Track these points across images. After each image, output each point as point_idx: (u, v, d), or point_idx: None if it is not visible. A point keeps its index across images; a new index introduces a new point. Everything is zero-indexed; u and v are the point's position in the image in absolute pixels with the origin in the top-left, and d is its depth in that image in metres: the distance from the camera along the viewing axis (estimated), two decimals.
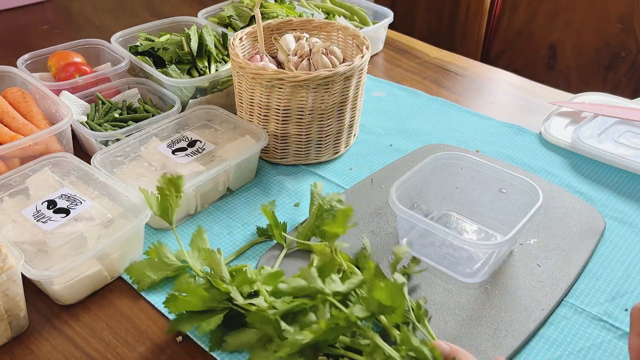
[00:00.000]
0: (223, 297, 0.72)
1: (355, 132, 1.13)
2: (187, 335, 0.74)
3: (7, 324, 0.72)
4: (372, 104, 1.26)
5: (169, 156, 0.95)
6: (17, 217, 0.82)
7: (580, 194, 1.00)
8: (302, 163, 1.06)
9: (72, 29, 1.57)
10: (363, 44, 1.06)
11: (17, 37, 1.52)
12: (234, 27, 1.35)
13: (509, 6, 2.13)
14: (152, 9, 1.69)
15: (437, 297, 0.79)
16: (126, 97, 1.15)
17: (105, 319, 0.77)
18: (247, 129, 1.02)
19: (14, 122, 1.01)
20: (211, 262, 0.74)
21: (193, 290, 0.72)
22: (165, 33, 1.29)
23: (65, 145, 1.01)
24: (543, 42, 2.11)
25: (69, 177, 0.90)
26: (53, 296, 0.78)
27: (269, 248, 0.87)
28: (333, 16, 1.45)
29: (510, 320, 0.76)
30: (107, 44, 1.27)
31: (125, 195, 0.85)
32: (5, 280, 0.70)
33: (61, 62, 1.18)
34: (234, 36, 1.06)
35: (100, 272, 0.80)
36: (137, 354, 0.73)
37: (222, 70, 1.18)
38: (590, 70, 2.05)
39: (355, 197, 0.97)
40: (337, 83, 0.98)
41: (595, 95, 1.25)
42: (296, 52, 1.07)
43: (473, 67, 1.42)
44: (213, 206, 0.96)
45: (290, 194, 0.99)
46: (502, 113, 1.24)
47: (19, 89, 1.08)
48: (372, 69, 1.41)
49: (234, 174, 0.97)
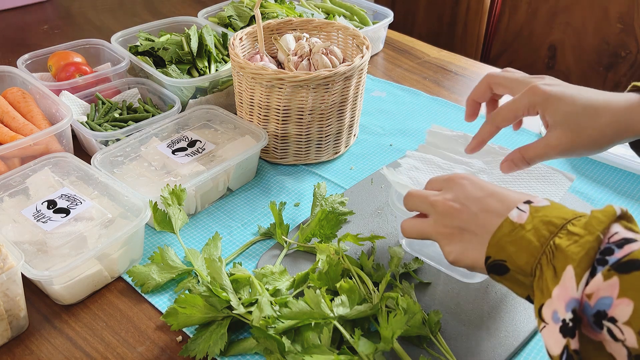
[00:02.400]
0: (223, 306, 0.72)
1: (355, 132, 1.13)
2: (188, 336, 0.74)
3: (7, 324, 0.72)
4: (372, 104, 1.26)
5: (169, 156, 0.95)
6: (17, 217, 0.82)
7: (580, 193, 1.00)
8: (302, 163, 1.06)
9: (72, 29, 1.57)
10: (363, 44, 1.06)
11: (17, 37, 1.52)
12: (234, 27, 1.35)
13: (509, 6, 2.13)
14: (152, 9, 1.69)
15: (437, 297, 0.79)
16: (126, 97, 1.15)
17: (105, 319, 0.77)
18: (247, 129, 1.02)
19: (14, 122, 1.01)
20: (212, 271, 0.75)
21: (192, 301, 0.72)
22: (165, 33, 1.29)
23: (65, 145, 1.01)
24: (543, 42, 2.11)
25: (69, 177, 0.90)
26: (53, 296, 0.78)
27: (269, 248, 0.87)
28: (333, 16, 1.45)
29: (510, 320, 0.76)
30: (107, 44, 1.27)
31: (125, 195, 0.85)
32: (5, 280, 0.70)
33: (61, 62, 1.18)
34: (234, 36, 1.06)
35: (100, 272, 0.80)
36: (137, 354, 0.73)
37: (222, 70, 1.18)
38: (590, 70, 2.05)
39: (355, 197, 0.97)
40: (337, 83, 0.98)
41: None
42: (296, 52, 1.07)
43: (473, 67, 1.42)
44: (213, 206, 0.97)
45: (290, 194, 0.99)
46: None
47: (19, 89, 1.08)
48: (372, 69, 1.41)
49: (234, 174, 0.97)
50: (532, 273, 0.55)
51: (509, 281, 0.58)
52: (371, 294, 0.72)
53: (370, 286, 0.74)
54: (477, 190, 0.63)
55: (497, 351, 0.72)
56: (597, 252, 0.51)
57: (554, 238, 0.54)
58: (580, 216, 0.55)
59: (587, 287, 0.50)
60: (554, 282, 0.52)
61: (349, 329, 0.69)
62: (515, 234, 0.56)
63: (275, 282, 0.77)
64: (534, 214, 0.57)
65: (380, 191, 0.98)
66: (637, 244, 0.49)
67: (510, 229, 0.57)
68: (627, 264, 0.48)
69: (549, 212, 0.56)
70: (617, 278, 0.48)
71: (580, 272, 0.50)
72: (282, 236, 0.87)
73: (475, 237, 0.61)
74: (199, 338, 0.71)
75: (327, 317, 0.67)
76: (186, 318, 0.72)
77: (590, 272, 0.50)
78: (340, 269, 0.74)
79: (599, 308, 0.48)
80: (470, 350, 0.72)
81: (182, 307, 0.72)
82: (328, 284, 0.74)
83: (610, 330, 0.48)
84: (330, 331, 0.67)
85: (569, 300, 0.50)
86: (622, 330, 0.47)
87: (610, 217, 0.52)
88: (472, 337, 0.73)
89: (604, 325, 0.48)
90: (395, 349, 0.67)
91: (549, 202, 0.58)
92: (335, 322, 0.67)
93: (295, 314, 0.67)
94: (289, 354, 0.66)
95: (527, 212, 0.57)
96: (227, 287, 0.73)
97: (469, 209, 0.62)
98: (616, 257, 0.49)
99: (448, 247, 0.63)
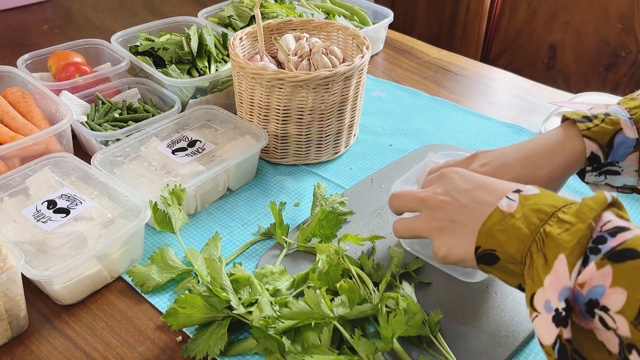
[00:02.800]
0: (223, 306, 0.72)
1: (355, 132, 1.13)
2: (188, 336, 0.74)
3: (7, 324, 0.72)
4: (372, 104, 1.26)
5: (169, 156, 0.95)
6: (17, 217, 0.82)
7: (580, 193, 1.00)
8: (302, 163, 1.06)
9: (72, 29, 1.57)
10: (363, 44, 1.06)
11: (17, 37, 1.52)
12: (234, 27, 1.35)
13: (509, 6, 2.13)
14: (152, 9, 1.69)
15: (437, 297, 0.79)
16: (126, 97, 1.15)
17: (105, 319, 0.77)
18: (247, 129, 1.02)
19: (14, 122, 1.01)
20: (212, 271, 0.75)
21: (192, 301, 0.72)
22: (165, 33, 1.29)
23: (65, 145, 1.01)
24: (543, 42, 2.11)
25: (69, 177, 0.90)
26: (53, 296, 0.78)
27: (269, 248, 0.87)
28: (333, 16, 1.45)
29: (510, 320, 0.76)
30: (107, 44, 1.27)
31: (125, 195, 0.85)
32: (5, 280, 0.70)
33: (61, 62, 1.18)
34: (234, 36, 1.06)
35: (100, 272, 0.80)
36: (137, 354, 0.73)
37: (222, 70, 1.18)
38: (590, 70, 2.05)
39: (355, 197, 0.97)
40: (337, 83, 0.98)
41: (595, 95, 1.25)
42: (296, 52, 1.07)
43: (473, 67, 1.42)
44: (213, 206, 0.96)
45: (290, 194, 0.99)
46: (502, 113, 1.24)
47: (19, 89, 1.08)
48: (372, 69, 1.41)
49: (234, 174, 0.97)
50: (523, 261, 0.55)
51: (499, 271, 0.58)
52: (371, 294, 0.72)
53: (370, 286, 0.74)
54: (467, 183, 0.64)
55: (497, 351, 0.72)
56: (589, 240, 0.51)
57: (544, 225, 0.54)
58: (570, 203, 0.55)
59: (580, 275, 0.50)
60: (545, 270, 0.52)
61: (349, 329, 0.69)
62: (505, 222, 0.57)
63: (275, 282, 0.77)
64: (524, 202, 0.57)
65: (380, 191, 0.98)
66: (630, 233, 0.49)
67: (500, 218, 0.57)
68: (621, 252, 0.48)
69: (539, 200, 0.56)
70: (611, 267, 0.48)
71: (573, 260, 0.50)
72: (282, 236, 0.87)
73: (465, 228, 0.61)
74: (199, 338, 0.71)
75: (327, 317, 0.67)
76: (186, 318, 0.72)
77: (582, 261, 0.50)
78: (340, 269, 0.74)
79: (591, 297, 0.48)
80: (470, 350, 0.72)
81: (182, 307, 0.72)
82: (328, 284, 0.74)
83: (602, 319, 0.48)
84: (330, 331, 0.67)
85: (562, 289, 0.50)
86: (614, 319, 0.47)
87: (601, 204, 0.52)
88: (472, 337, 0.73)
89: (596, 314, 0.48)
90: (395, 349, 0.67)
91: (538, 190, 0.58)
92: (335, 322, 0.67)
93: (295, 314, 0.67)
94: (289, 354, 0.66)
95: (517, 201, 0.57)
96: (227, 287, 0.73)
97: (458, 201, 0.62)
98: (609, 245, 0.49)
99: (438, 241, 0.64)
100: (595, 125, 0.70)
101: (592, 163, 0.71)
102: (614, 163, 0.71)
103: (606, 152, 0.70)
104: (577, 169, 0.72)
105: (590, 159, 0.70)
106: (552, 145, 0.71)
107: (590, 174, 0.73)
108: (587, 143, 0.69)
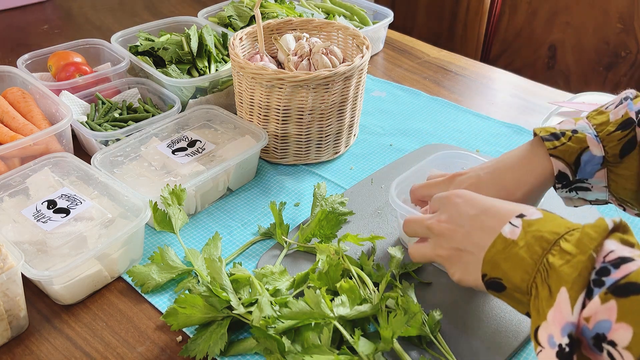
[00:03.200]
0: (223, 306, 0.72)
1: (355, 132, 1.13)
2: (188, 336, 0.74)
3: (7, 324, 0.72)
4: (372, 104, 1.26)
5: (169, 156, 0.95)
6: (17, 217, 0.82)
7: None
8: (302, 163, 1.06)
9: (72, 29, 1.57)
10: (363, 44, 1.06)
11: (17, 37, 1.52)
12: (234, 27, 1.35)
13: (509, 6, 2.13)
14: (152, 9, 1.69)
15: (437, 297, 0.79)
16: (126, 97, 1.15)
17: (105, 319, 0.77)
18: (247, 129, 1.02)
19: (14, 122, 1.01)
20: (212, 271, 0.75)
21: (192, 301, 0.72)
22: (165, 33, 1.29)
23: (65, 145, 1.01)
24: (543, 42, 2.11)
25: (69, 177, 0.90)
26: (53, 296, 0.78)
27: (269, 248, 0.87)
28: (333, 16, 1.45)
29: (510, 320, 0.76)
30: (107, 44, 1.27)
31: (125, 195, 0.85)
32: (5, 280, 0.70)
33: (61, 62, 1.18)
34: (234, 36, 1.06)
35: (100, 272, 0.80)
36: (137, 354, 0.73)
37: (222, 70, 1.18)
38: (590, 70, 2.05)
39: (355, 197, 0.97)
40: (337, 83, 0.98)
41: (595, 95, 1.25)
42: (296, 52, 1.07)
43: (473, 67, 1.42)
44: (213, 206, 0.96)
45: (290, 194, 0.99)
46: (502, 113, 1.24)
47: (19, 89, 1.08)
48: (372, 69, 1.41)
49: (234, 174, 0.97)
50: (529, 291, 0.54)
51: (507, 298, 0.58)
52: (371, 294, 0.72)
53: (370, 286, 0.74)
54: (471, 208, 0.63)
55: (497, 351, 0.72)
56: (590, 272, 0.50)
57: (547, 255, 0.53)
58: (573, 229, 0.54)
59: (585, 309, 0.49)
60: (549, 303, 0.51)
61: (349, 329, 0.69)
62: (508, 250, 0.56)
63: (275, 282, 0.77)
64: (527, 229, 0.56)
65: (380, 191, 0.98)
66: (634, 264, 0.48)
67: (503, 246, 0.57)
68: (625, 287, 0.47)
69: (541, 226, 0.56)
70: (615, 302, 0.47)
71: (574, 294, 0.49)
72: (282, 236, 0.87)
73: (472, 256, 0.61)
74: (199, 338, 0.71)
75: (327, 317, 0.67)
76: (186, 318, 0.72)
77: (586, 293, 0.49)
78: (340, 269, 0.74)
79: (598, 331, 0.48)
80: (470, 350, 0.72)
81: (182, 307, 0.72)
82: (328, 284, 0.74)
83: (610, 354, 0.47)
84: (330, 331, 0.67)
85: (565, 324, 0.49)
86: (622, 355, 0.46)
87: (601, 232, 0.51)
88: (472, 337, 0.73)
89: (604, 348, 0.48)
90: (395, 349, 0.67)
91: (541, 214, 0.58)
92: (335, 322, 0.67)
93: (295, 314, 0.67)
94: (289, 354, 0.66)
95: (520, 227, 0.57)
96: (227, 287, 0.73)
97: (462, 228, 0.62)
98: (613, 278, 0.48)
99: (451, 268, 0.64)
100: (562, 143, 0.69)
101: (560, 181, 0.71)
102: (583, 180, 0.71)
103: (574, 170, 0.70)
104: (550, 185, 0.72)
105: (558, 177, 0.70)
106: (523, 167, 0.71)
107: (560, 190, 0.72)
108: (554, 162, 0.69)
